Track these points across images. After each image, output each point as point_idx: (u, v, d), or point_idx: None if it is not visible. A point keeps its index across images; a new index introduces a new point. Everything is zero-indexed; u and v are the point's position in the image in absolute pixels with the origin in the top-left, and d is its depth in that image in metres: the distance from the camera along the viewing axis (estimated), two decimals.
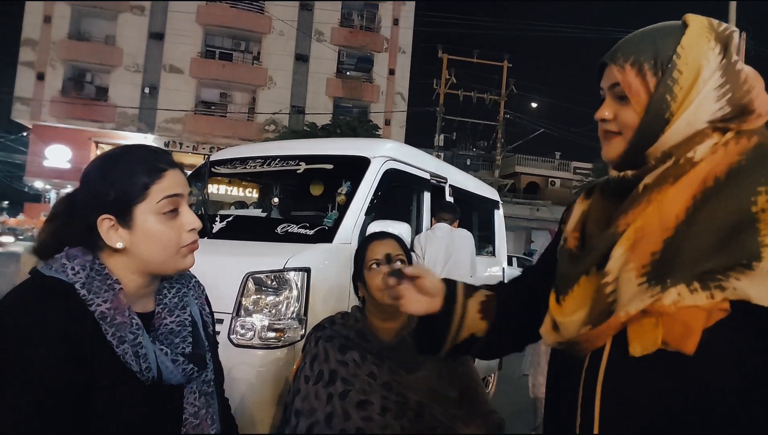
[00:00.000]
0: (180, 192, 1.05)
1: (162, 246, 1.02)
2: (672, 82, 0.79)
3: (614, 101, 0.86)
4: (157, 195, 1.01)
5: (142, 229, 1.01)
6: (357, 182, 3.12)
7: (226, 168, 3.75)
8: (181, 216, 1.05)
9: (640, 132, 0.82)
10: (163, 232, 1.02)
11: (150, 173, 1.02)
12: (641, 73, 0.81)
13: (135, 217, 1.00)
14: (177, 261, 1.04)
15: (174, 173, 1.05)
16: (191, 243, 1.05)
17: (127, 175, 1.01)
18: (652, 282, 0.74)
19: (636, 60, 0.82)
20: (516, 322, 1.09)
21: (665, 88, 0.80)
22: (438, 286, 1.09)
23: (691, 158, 0.79)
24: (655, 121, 0.81)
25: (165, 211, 1.02)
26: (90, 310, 0.94)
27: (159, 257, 1.02)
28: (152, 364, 0.98)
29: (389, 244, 1.58)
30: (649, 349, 0.74)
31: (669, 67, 0.80)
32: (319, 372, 1.41)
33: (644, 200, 0.80)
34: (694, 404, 0.73)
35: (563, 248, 0.93)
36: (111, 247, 1.00)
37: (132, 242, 1.01)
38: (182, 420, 1.05)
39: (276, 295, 2.48)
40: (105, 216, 0.99)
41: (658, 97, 0.80)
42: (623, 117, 0.84)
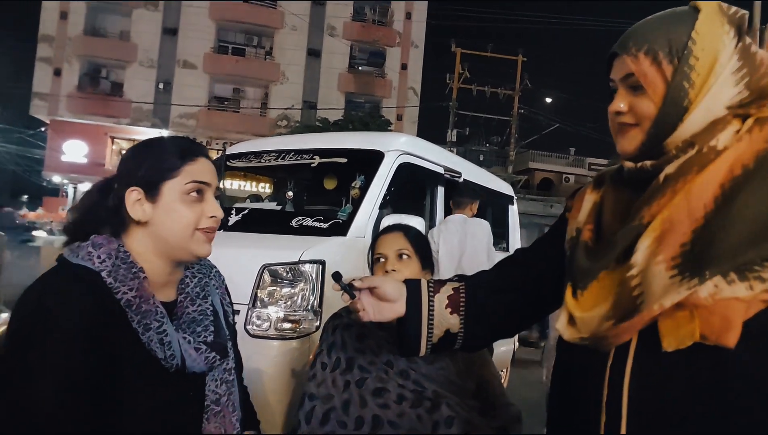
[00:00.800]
0: (208, 181, 1.08)
1: (181, 225, 1.04)
2: (689, 68, 0.78)
3: (628, 92, 0.84)
4: (186, 177, 1.05)
5: (166, 206, 1.04)
6: (371, 176, 3.13)
7: (241, 162, 3.78)
8: (205, 202, 1.07)
9: (658, 122, 0.81)
10: (185, 212, 1.04)
11: (183, 155, 1.06)
12: (656, 62, 0.80)
13: (162, 192, 1.04)
14: (193, 244, 1.06)
15: (206, 163, 1.10)
16: (209, 229, 1.07)
17: (162, 153, 1.06)
18: (686, 274, 0.72)
19: (650, 48, 0.80)
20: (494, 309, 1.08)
21: (682, 75, 0.78)
22: (399, 290, 1.09)
23: (715, 147, 0.77)
24: (674, 110, 0.79)
25: (190, 194, 1.05)
26: (116, 298, 0.96)
27: (176, 236, 1.04)
28: (176, 352, 1.00)
29: (395, 238, 1.57)
30: (684, 343, 0.72)
31: (685, 53, 0.78)
32: (336, 359, 1.43)
33: (668, 191, 0.78)
34: (734, 400, 0.71)
35: (578, 241, 0.91)
36: (134, 220, 1.03)
37: (154, 217, 1.04)
38: (204, 407, 1.07)
39: (291, 287, 2.51)
40: (134, 188, 1.03)
41: (675, 84, 0.79)
42: (639, 107, 0.82)
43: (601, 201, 0.92)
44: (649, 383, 0.76)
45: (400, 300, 1.08)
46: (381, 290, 1.08)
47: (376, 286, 1.08)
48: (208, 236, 1.08)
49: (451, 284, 1.11)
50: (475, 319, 1.07)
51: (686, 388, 0.73)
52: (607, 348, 0.80)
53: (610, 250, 0.82)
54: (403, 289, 1.09)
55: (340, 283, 1.10)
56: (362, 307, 1.09)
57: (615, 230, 0.84)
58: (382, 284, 1.08)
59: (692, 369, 0.73)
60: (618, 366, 0.79)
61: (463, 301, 1.08)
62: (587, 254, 0.87)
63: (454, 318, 1.07)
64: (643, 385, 0.76)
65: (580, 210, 0.95)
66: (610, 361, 0.80)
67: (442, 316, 1.07)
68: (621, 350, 0.79)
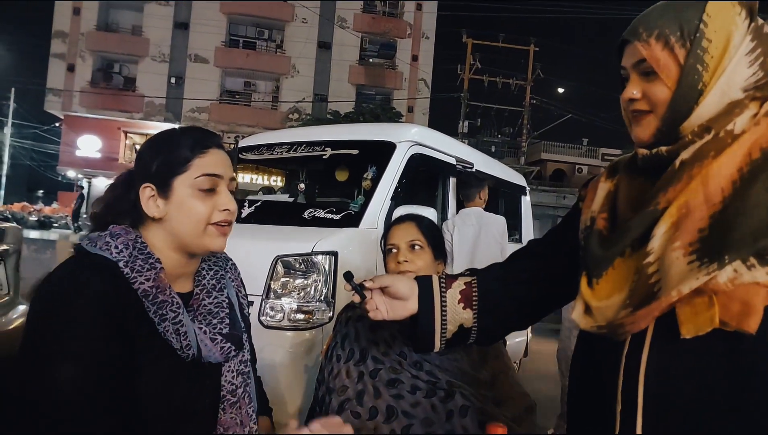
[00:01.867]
0: (220, 173, 1.06)
1: (194, 220, 1.03)
2: (702, 51, 0.77)
3: (641, 79, 0.83)
4: (197, 170, 1.03)
5: (178, 201, 1.03)
6: (383, 167, 3.13)
7: (253, 154, 3.79)
8: (218, 196, 1.06)
9: (673, 106, 0.80)
10: (196, 207, 1.03)
11: (193, 148, 1.04)
12: (668, 46, 0.79)
13: (173, 188, 1.03)
14: (206, 238, 1.05)
15: (218, 153, 1.08)
16: (222, 223, 1.06)
17: (173, 148, 1.04)
18: (705, 260, 0.71)
19: (661, 33, 0.79)
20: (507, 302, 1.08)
21: (696, 58, 0.77)
22: (411, 288, 1.09)
23: (732, 131, 0.76)
24: (689, 94, 0.78)
25: (202, 188, 1.03)
26: (133, 288, 0.97)
27: (189, 231, 1.04)
28: (192, 342, 1.00)
29: (408, 229, 1.56)
30: (704, 329, 0.71)
31: (697, 36, 0.77)
32: (350, 350, 1.43)
33: (684, 176, 0.77)
34: (754, 385, 0.70)
35: (592, 230, 0.91)
36: (149, 216, 1.03)
37: (167, 213, 1.03)
38: (220, 397, 1.08)
39: (304, 278, 2.52)
40: (147, 184, 1.03)
41: (689, 68, 0.78)
42: (653, 93, 0.81)
43: (616, 189, 0.92)
44: (665, 371, 0.75)
45: (412, 297, 1.08)
46: (393, 289, 1.08)
47: (388, 285, 1.08)
48: (222, 230, 1.06)
49: (463, 279, 1.11)
50: (489, 313, 1.07)
51: (704, 375, 0.73)
52: (624, 336, 0.79)
53: (625, 237, 0.81)
54: (414, 287, 1.09)
55: (351, 283, 1.10)
56: (374, 307, 1.10)
57: (630, 218, 0.83)
58: (394, 283, 1.09)
59: (710, 356, 0.72)
60: (634, 354, 0.78)
61: (475, 296, 1.07)
62: (602, 242, 0.87)
63: (467, 313, 1.07)
64: (660, 373, 0.76)
65: (593, 199, 0.95)
66: (626, 349, 0.79)
67: (455, 311, 1.07)
68: (637, 338, 0.78)
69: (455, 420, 1.28)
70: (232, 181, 1.10)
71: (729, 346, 0.71)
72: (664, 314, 0.75)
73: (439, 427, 1.28)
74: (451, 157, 3.82)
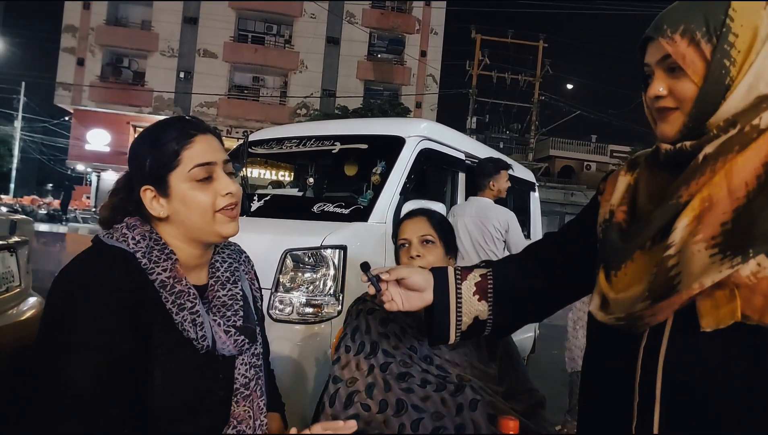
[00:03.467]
0: (212, 160, 1.04)
1: (199, 211, 1.03)
2: (729, 46, 0.76)
3: (666, 75, 0.82)
4: (189, 163, 1.02)
5: (179, 197, 1.02)
6: (392, 162, 3.12)
7: (263, 148, 3.80)
8: (216, 181, 1.04)
9: (699, 102, 0.79)
10: (198, 198, 1.02)
11: (179, 139, 1.02)
12: (694, 42, 0.78)
13: (171, 185, 1.02)
14: (217, 226, 1.04)
15: (205, 138, 1.05)
16: (228, 207, 1.05)
17: (159, 144, 1.03)
18: (728, 253, 0.71)
19: (686, 29, 0.79)
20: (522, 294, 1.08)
21: (723, 53, 0.77)
22: (426, 280, 1.09)
23: (757, 125, 0.76)
24: (716, 89, 0.78)
25: (199, 179, 1.02)
26: (150, 279, 0.98)
27: (198, 223, 1.03)
28: (207, 333, 1.00)
29: (419, 224, 1.56)
30: (724, 322, 0.71)
31: (723, 31, 0.77)
32: (360, 343, 1.43)
33: (708, 170, 0.76)
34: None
35: (611, 222, 0.90)
36: (156, 217, 1.03)
37: (172, 210, 1.03)
38: (233, 390, 1.08)
39: (313, 272, 2.52)
40: (146, 187, 1.03)
41: (716, 63, 0.77)
42: (680, 90, 0.81)
43: (636, 183, 0.91)
44: (684, 364, 0.75)
45: (428, 289, 1.09)
46: (408, 281, 1.08)
47: (404, 276, 1.08)
48: (230, 214, 1.06)
49: (478, 271, 1.11)
50: (504, 305, 1.07)
51: (723, 369, 0.73)
52: (642, 329, 0.79)
53: (646, 230, 0.81)
54: (430, 278, 1.09)
55: (368, 274, 1.10)
56: (390, 298, 1.10)
57: (650, 211, 0.83)
58: (410, 275, 1.09)
59: (730, 349, 0.72)
60: (652, 347, 0.78)
61: (491, 288, 1.07)
62: (621, 235, 0.87)
63: (483, 305, 1.07)
64: (678, 366, 0.75)
65: (612, 192, 0.94)
66: (643, 341, 0.79)
67: (470, 303, 1.07)
68: (655, 331, 0.78)
69: (465, 414, 1.28)
70: (227, 163, 1.08)
71: (750, 339, 0.71)
72: (684, 307, 0.75)
73: (449, 420, 1.28)
74: (460, 152, 3.81)
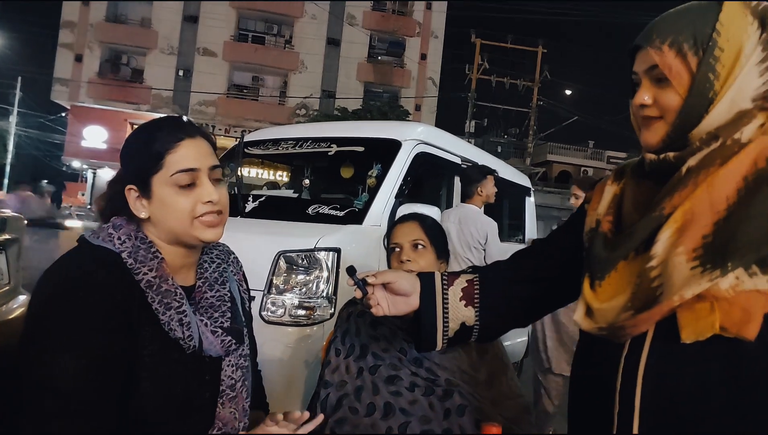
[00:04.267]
0: (196, 166, 1.02)
1: (176, 216, 1.01)
2: (714, 60, 0.77)
3: (653, 84, 0.83)
4: (172, 167, 1.00)
5: (159, 200, 1.01)
6: (388, 165, 3.13)
7: (259, 149, 3.79)
8: (199, 188, 1.02)
9: (683, 113, 0.80)
10: (178, 203, 1.01)
11: (165, 143, 1.01)
12: (681, 54, 0.79)
13: (153, 187, 1.01)
14: (195, 232, 1.03)
15: (192, 143, 1.03)
16: (206, 214, 1.02)
17: (147, 145, 1.02)
18: (708, 266, 0.72)
19: (674, 40, 0.80)
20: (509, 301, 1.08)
21: (708, 66, 0.78)
22: (413, 284, 1.09)
23: (739, 139, 0.77)
24: (699, 102, 0.79)
25: (181, 185, 1.01)
26: (136, 279, 0.97)
27: (176, 227, 1.02)
28: (194, 333, 1.00)
29: (411, 228, 1.56)
30: (704, 335, 0.72)
31: (710, 45, 0.78)
32: (350, 346, 1.43)
33: (690, 182, 0.77)
34: (750, 392, 0.71)
35: (597, 232, 0.91)
36: (138, 217, 1.03)
37: (152, 212, 1.02)
38: (219, 392, 1.07)
39: (307, 274, 2.52)
40: (130, 186, 1.02)
41: (701, 76, 0.78)
42: (664, 100, 0.82)
43: (622, 193, 0.92)
44: (663, 374, 0.76)
45: (415, 294, 1.09)
46: (395, 285, 1.08)
47: (390, 281, 1.08)
48: (209, 222, 1.03)
49: (465, 276, 1.11)
50: (490, 311, 1.07)
51: (701, 380, 0.73)
52: (624, 339, 0.80)
53: (630, 240, 0.82)
54: (417, 283, 1.10)
55: (353, 278, 1.10)
56: (376, 302, 1.10)
57: (635, 222, 0.83)
58: (396, 279, 1.09)
59: (709, 361, 0.73)
60: (633, 357, 0.79)
61: (477, 293, 1.08)
62: (606, 245, 0.87)
63: (469, 311, 1.07)
64: (658, 376, 0.76)
65: (599, 202, 0.95)
66: (625, 351, 0.80)
67: (457, 309, 1.07)
68: (637, 341, 0.79)
69: (452, 419, 1.28)
70: (214, 169, 1.05)
71: (728, 352, 0.71)
72: (665, 319, 0.76)
73: (436, 425, 1.28)
74: (456, 157, 3.82)
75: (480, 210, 3.57)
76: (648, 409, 0.76)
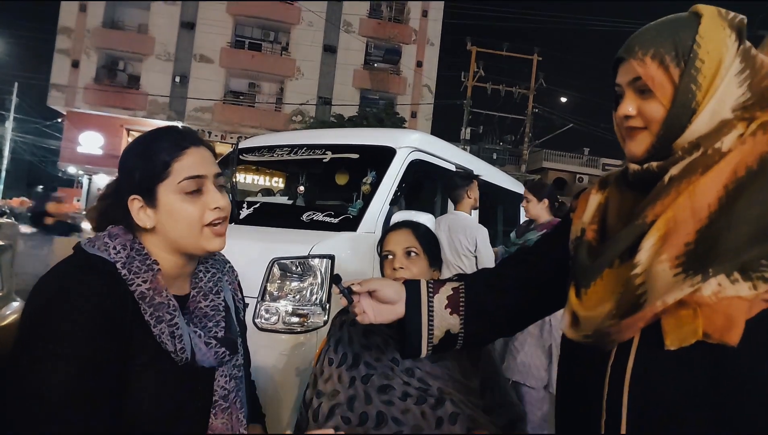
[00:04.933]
0: (203, 173, 1.04)
1: (186, 224, 1.02)
2: (696, 71, 0.79)
3: (636, 96, 0.85)
4: (179, 175, 1.01)
5: (166, 209, 1.02)
6: (382, 172, 3.13)
7: (253, 155, 3.80)
8: (205, 195, 1.04)
9: (667, 124, 0.82)
10: (186, 211, 1.02)
11: (170, 151, 1.02)
12: (663, 65, 0.81)
13: (159, 196, 1.02)
14: (203, 241, 1.04)
15: (197, 151, 1.05)
16: (215, 222, 1.04)
17: (151, 154, 1.02)
18: (690, 272, 0.73)
19: (656, 52, 0.81)
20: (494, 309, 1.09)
21: (690, 78, 0.79)
22: (398, 292, 1.10)
23: (719, 149, 0.78)
24: (682, 112, 0.80)
25: (188, 191, 1.02)
26: (130, 290, 0.97)
27: (184, 236, 1.03)
28: (186, 346, 1.00)
29: (404, 235, 1.56)
30: (687, 341, 0.73)
31: (691, 56, 0.80)
32: (343, 355, 1.43)
33: (672, 191, 0.79)
34: (735, 397, 0.72)
35: (581, 241, 0.92)
36: (141, 227, 1.03)
37: (158, 221, 1.02)
38: (212, 402, 1.07)
39: (300, 281, 2.51)
40: (134, 196, 1.02)
41: (683, 87, 0.80)
42: (648, 111, 0.83)
43: (606, 202, 0.93)
44: (649, 381, 0.77)
45: (400, 302, 1.10)
46: (380, 293, 1.09)
47: (375, 289, 1.09)
48: (217, 230, 1.05)
49: (451, 284, 1.12)
50: (475, 319, 1.08)
51: (687, 386, 0.74)
52: (610, 346, 0.81)
53: (614, 248, 0.83)
54: (402, 291, 1.11)
55: (339, 286, 1.11)
56: (361, 310, 1.11)
57: (618, 230, 0.85)
58: (381, 287, 1.10)
59: (693, 367, 0.74)
60: (619, 364, 0.80)
61: (462, 301, 1.08)
62: (591, 253, 0.88)
63: (454, 318, 1.08)
64: (644, 382, 0.77)
65: (584, 210, 0.96)
66: (611, 359, 0.81)
67: (442, 317, 1.08)
68: (623, 348, 0.80)
69: (445, 427, 1.28)
70: (218, 176, 1.07)
71: (711, 357, 0.72)
72: (650, 326, 0.77)
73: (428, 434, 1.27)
74: (450, 164, 3.83)
75: (470, 216, 3.54)
76: (635, 415, 0.77)
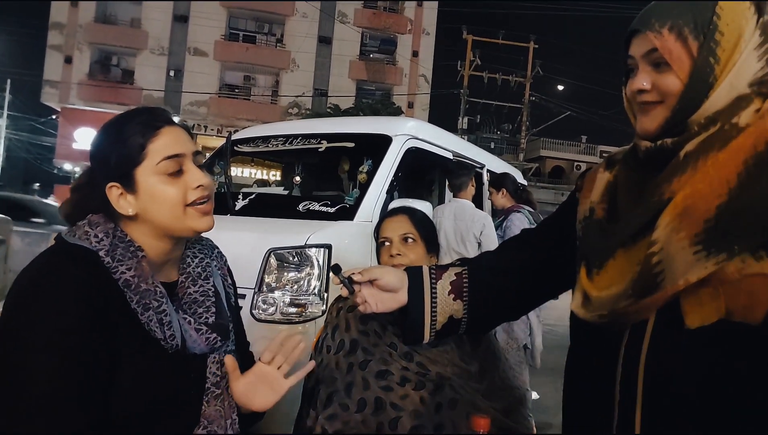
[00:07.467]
0: (180, 151, 1.01)
1: (169, 206, 0.99)
2: (715, 44, 0.77)
3: (651, 69, 0.82)
4: (156, 156, 0.98)
5: (147, 192, 0.99)
6: (378, 160, 3.11)
7: (248, 147, 3.77)
8: (186, 174, 1.01)
9: (684, 98, 0.79)
10: (168, 192, 0.99)
11: (144, 132, 0.99)
12: (681, 38, 0.78)
13: (138, 180, 0.99)
14: (189, 221, 1.01)
15: (172, 130, 1.02)
16: (199, 201, 1.01)
17: (124, 138, 0.99)
18: (712, 250, 0.71)
19: (674, 24, 0.79)
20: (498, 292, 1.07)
21: (709, 51, 0.77)
22: (400, 280, 1.08)
23: (737, 124, 0.76)
24: (700, 86, 0.78)
25: (168, 172, 0.99)
26: (114, 278, 0.95)
27: (169, 219, 1.00)
28: (176, 332, 0.98)
29: (400, 222, 1.54)
30: (710, 319, 0.71)
31: (710, 28, 0.77)
32: (340, 341, 1.41)
33: (689, 167, 0.77)
34: (756, 376, 0.70)
35: (591, 220, 0.90)
36: (123, 214, 1.00)
37: (140, 207, 0.99)
38: (205, 389, 1.06)
39: (297, 271, 2.50)
40: (112, 184, 0.99)
41: (702, 60, 0.77)
42: (664, 84, 0.80)
43: (615, 180, 0.91)
44: (665, 362, 0.75)
45: (402, 289, 1.08)
46: (382, 281, 1.08)
47: (376, 277, 1.07)
48: (203, 209, 1.02)
49: (454, 269, 1.10)
50: (479, 304, 1.07)
51: (705, 366, 0.72)
52: (625, 326, 0.79)
53: (628, 227, 0.81)
54: (404, 278, 1.09)
55: (339, 276, 1.09)
56: (363, 300, 1.09)
57: (630, 209, 0.83)
58: (383, 275, 1.08)
59: (712, 348, 0.72)
60: (634, 345, 0.78)
61: (466, 286, 1.07)
62: (602, 233, 0.86)
63: (458, 304, 1.06)
64: (660, 364, 0.75)
65: (592, 190, 0.94)
66: (624, 340, 0.79)
67: (445, 302, 1.06)
68: (636, 330, 0.78)
69: (444, 412, 1.27)
70: (197, 154, 1.04)
71: (731, 336, 0.70)
72: (665, 306, 0.75)
73: (427, 419, 1.26)
74: (447, 152, 3.81)
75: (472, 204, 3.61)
76: (650, 399, 0.75)
